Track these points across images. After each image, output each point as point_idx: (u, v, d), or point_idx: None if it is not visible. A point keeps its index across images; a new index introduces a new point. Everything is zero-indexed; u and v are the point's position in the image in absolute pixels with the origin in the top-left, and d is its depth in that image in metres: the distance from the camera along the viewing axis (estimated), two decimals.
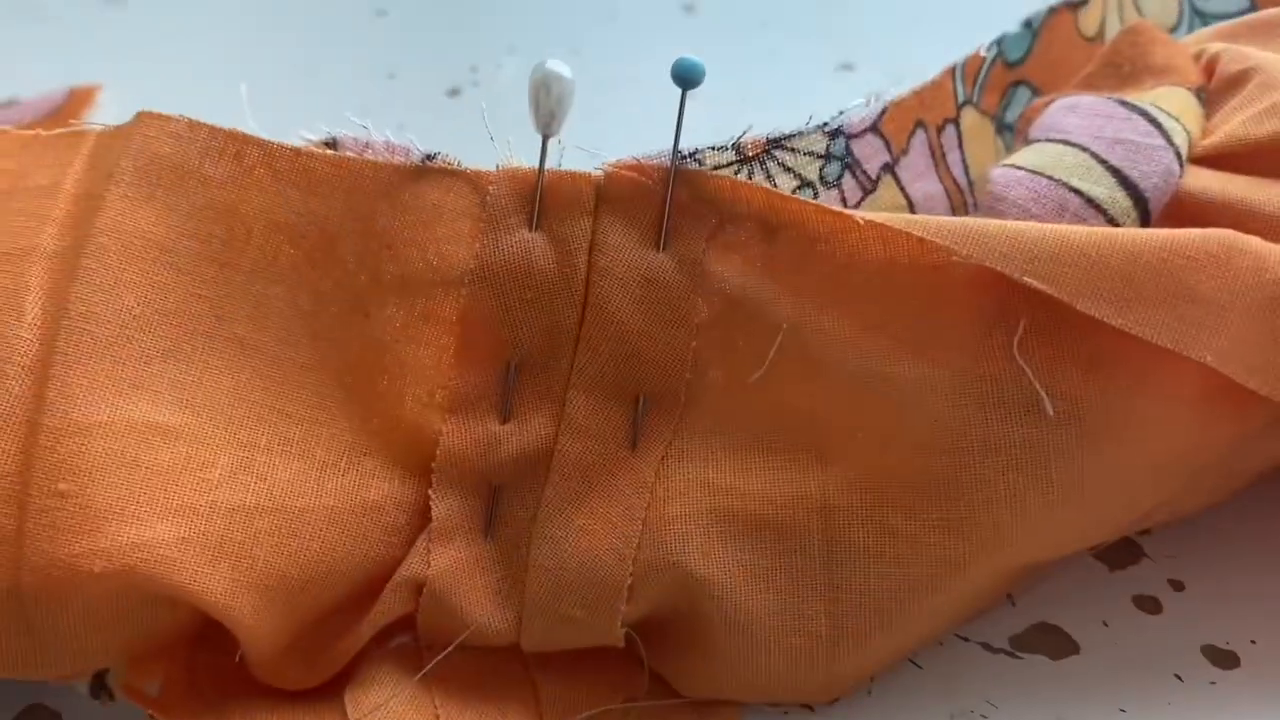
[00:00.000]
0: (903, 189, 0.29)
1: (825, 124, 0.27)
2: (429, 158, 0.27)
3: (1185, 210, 0.26)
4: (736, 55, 0.49)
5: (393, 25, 0.53)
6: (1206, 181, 0.26)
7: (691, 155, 0.26)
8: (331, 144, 0.27)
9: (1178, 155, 0.26)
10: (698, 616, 0.26)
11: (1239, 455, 0.27)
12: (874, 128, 0.28)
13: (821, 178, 0.27)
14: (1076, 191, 0.26)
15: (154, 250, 0.26)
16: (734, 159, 0.26)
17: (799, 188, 0.27)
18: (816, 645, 0.26)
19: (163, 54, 0.52)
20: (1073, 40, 0.35)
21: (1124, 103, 0.28)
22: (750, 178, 0.26)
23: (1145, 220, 0.26)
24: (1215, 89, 0.29)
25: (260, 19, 0.53)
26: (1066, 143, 0.27)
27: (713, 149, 0.26)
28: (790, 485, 0.26)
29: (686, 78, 0.26)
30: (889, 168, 0.28)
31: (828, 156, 0.27)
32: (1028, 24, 0.34)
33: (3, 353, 0.25)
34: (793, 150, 0.26)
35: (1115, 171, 0.26)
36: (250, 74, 0.50)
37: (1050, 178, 0.26)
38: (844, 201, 0.27)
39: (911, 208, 0.29)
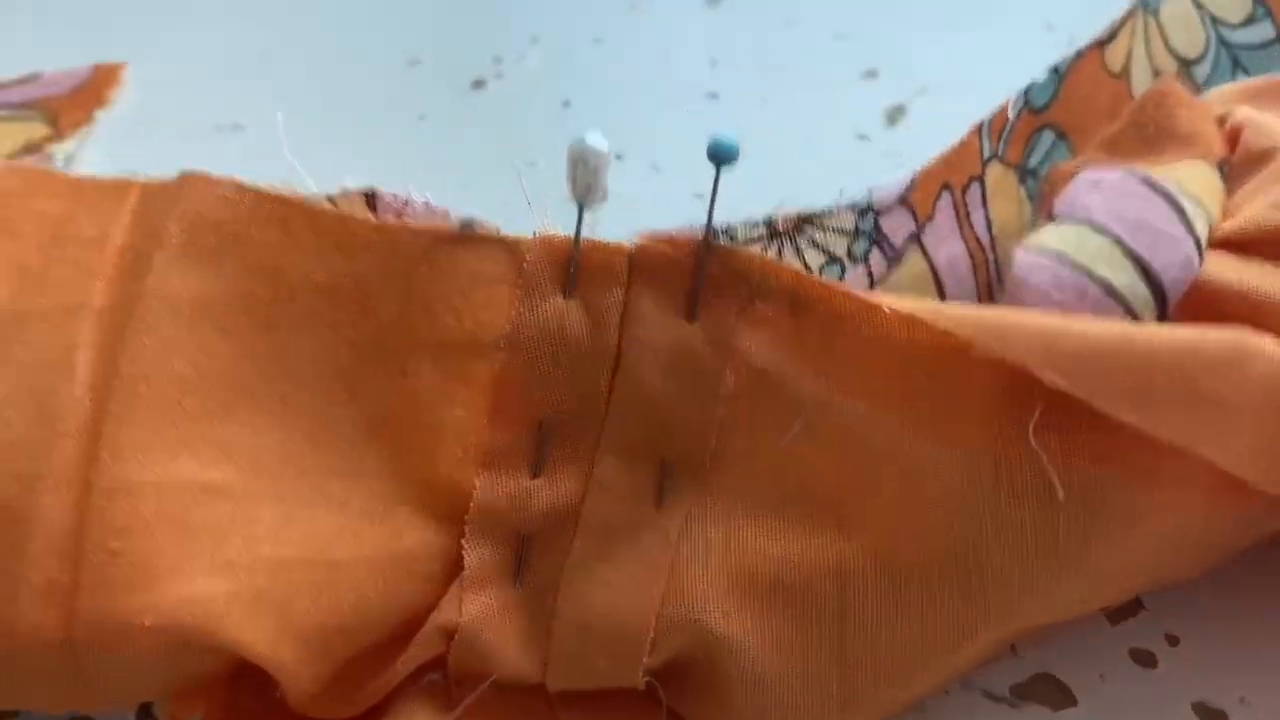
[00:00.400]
0: (927, 256, 0.29)
1: (855, 203, 0.27)
2: (467, 224, 0.27)
3: (1202, 295, 0.27)
4: (758, 53, 0.49)
5: (410, 9, 0.53)
6: (1224, 268, 0.27)
7: (724, 231, 0.27)
8: (370, 195, 0.28)
9: (1198, 244, 0.27)
10: (715, 670, 0.27)
11: (1242, 529, 0.28)
12: (902, 200, 0.28)
13: (850, 254, 0.28)
14: (1098, 280, 0.27)
15: (200, 312, 0.27)
16: (764, 234, 0.27)
17: (827, 263, 0.27)
18: (827, 703, 0.27)
19: (183, 33, 0.52)
20: (1099, 77, 0.35)
21: (1148, 181, 0.28)
22: (780, 253, 0.27)
23: (1163, 310, 0.27)
24: (1238, 163, 0.29)
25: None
26: (1090, 223, 0.28)
27: (744, 224, 0.27)
28: (809, 551, 0.27)
29: (722, 156, 0.26)
30: (915, 237, 0.29)
31: (856, 233, 0.28)
32: (1055, 70, 0.34)
33: (58, 412, 0.26)
34: (822, 228, 0.27)
35: (1137, 260, 0.27)
36: (269, 54, 0.51)
37: (1072, 264, 0.27)
38: (870, 275, 0.28)
39: (935, 273, 0.29)
